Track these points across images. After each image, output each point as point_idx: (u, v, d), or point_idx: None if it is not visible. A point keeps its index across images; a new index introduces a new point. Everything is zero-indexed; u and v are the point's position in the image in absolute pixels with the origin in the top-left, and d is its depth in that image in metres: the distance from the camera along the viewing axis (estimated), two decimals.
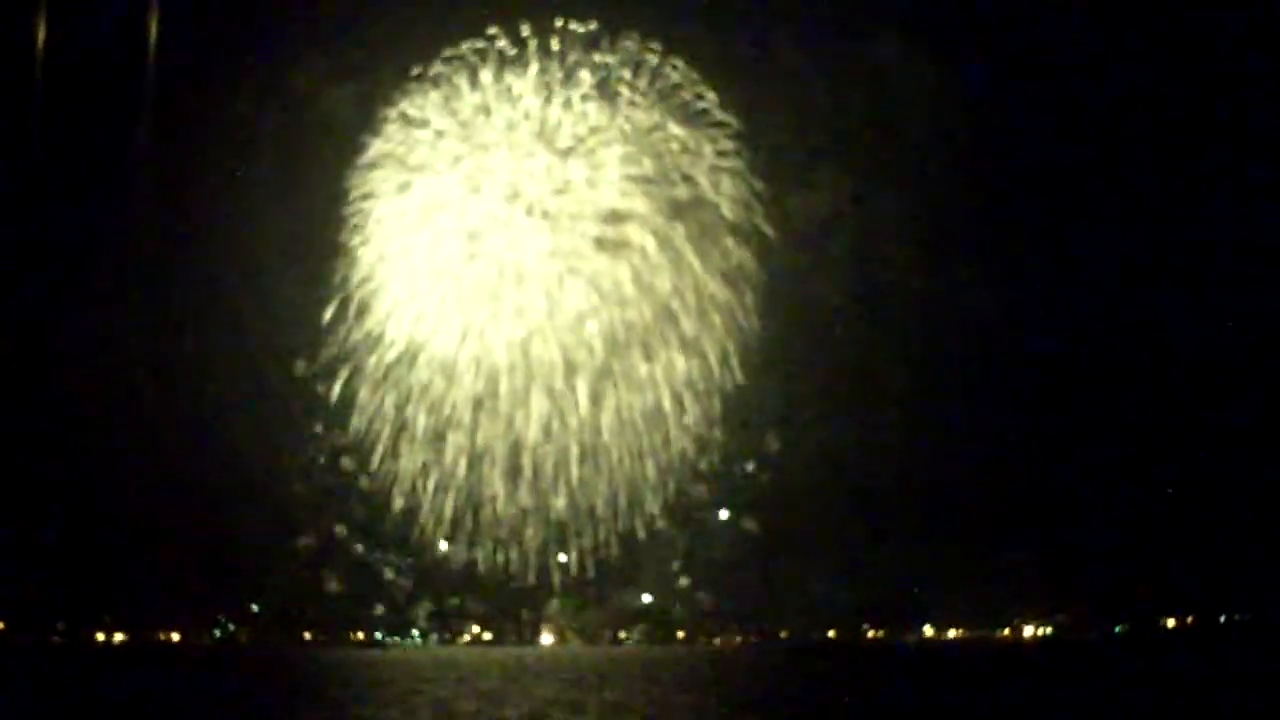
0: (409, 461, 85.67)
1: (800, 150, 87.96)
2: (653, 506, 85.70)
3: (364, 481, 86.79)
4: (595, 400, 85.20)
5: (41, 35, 71.42)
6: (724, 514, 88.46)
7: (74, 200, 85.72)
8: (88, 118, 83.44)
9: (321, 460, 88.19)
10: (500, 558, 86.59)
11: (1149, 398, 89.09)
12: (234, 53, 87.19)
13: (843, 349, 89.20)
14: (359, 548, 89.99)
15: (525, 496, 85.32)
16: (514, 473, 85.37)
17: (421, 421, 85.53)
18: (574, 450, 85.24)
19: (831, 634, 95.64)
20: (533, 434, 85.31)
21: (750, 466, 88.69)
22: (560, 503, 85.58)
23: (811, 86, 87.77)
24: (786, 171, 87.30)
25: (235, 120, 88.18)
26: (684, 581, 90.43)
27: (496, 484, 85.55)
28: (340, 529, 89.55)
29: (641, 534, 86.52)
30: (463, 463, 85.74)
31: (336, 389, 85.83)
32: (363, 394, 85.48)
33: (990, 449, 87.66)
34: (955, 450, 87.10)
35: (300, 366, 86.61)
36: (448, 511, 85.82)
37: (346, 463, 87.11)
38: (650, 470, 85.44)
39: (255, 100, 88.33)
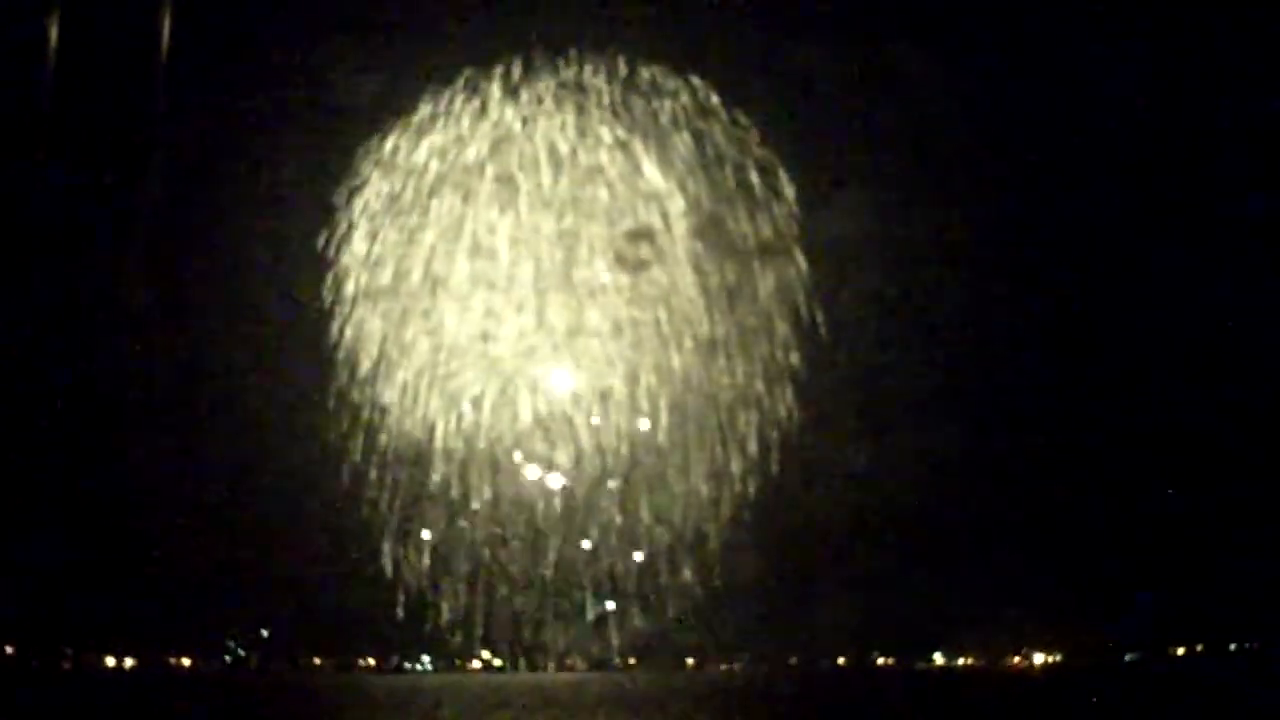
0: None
1: (827, 166, 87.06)
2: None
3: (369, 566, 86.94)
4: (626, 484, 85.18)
5: (55, 29, 71.44)
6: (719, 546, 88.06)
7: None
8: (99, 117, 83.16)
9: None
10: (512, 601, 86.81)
11: (1166, 422, 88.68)
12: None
13: (855, 372, 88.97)
14: (370, 575, 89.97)
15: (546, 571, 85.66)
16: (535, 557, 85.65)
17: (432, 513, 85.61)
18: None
19: (841, 661, 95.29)
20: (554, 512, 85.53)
21: (760, 490, 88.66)
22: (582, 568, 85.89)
23: (838, 99, 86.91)
24: (813, 187, 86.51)
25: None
26: (694, 608, 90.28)
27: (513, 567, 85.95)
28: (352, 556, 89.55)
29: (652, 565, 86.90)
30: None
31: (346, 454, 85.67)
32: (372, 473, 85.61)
33: (1004, 474, 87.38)
34: (968, 475, 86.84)
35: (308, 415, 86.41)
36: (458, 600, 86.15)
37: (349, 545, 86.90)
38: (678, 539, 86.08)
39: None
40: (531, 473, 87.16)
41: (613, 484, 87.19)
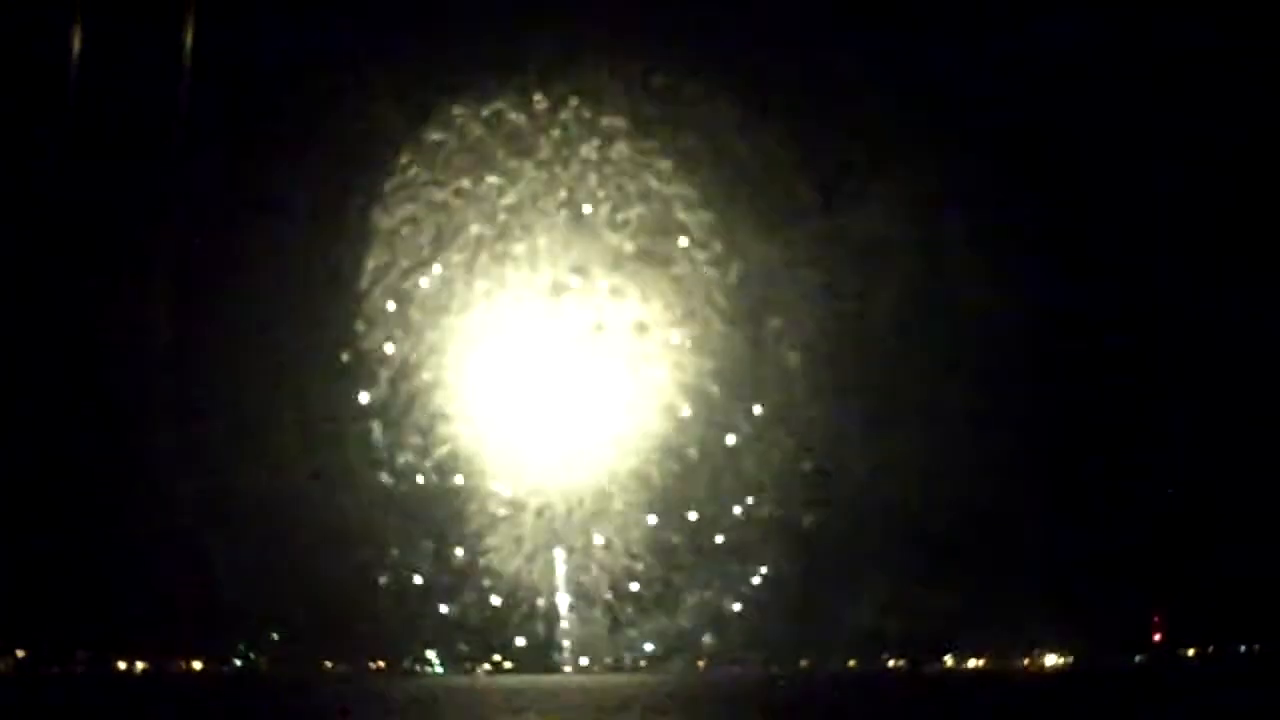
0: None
1: (855, 161, 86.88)
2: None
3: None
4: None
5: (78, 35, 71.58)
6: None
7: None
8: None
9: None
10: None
11: (1175, 421, 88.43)
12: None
13: (866, 373, 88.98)
14: (382, 578, 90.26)
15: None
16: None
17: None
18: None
19: (851, 664, 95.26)
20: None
21: (772, 495, 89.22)
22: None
23: (867, 95, 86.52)
24: (841, 183, 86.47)
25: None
26: (706, 610, 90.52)
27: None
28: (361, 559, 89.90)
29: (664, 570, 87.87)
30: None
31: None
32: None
33: (1015, 474, 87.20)
34: (979, 475, 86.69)
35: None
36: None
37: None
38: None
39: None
40: (544, 472, 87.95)
41: (624, 488, 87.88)
